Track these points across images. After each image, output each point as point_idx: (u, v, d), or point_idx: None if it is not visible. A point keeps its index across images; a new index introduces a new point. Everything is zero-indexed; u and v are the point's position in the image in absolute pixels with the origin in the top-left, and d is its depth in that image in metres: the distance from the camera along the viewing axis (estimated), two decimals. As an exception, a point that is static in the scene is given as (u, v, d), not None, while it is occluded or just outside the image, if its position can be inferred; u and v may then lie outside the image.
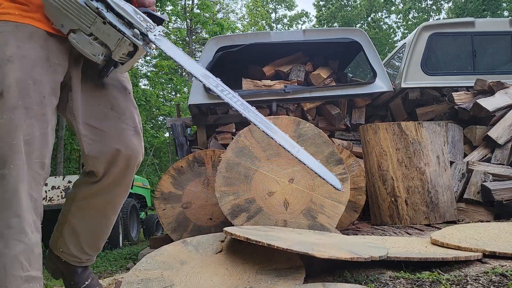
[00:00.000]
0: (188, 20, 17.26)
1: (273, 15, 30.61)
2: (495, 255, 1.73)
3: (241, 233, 1.69)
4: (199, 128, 4.87)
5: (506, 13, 19.87)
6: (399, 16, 26.42)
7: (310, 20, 30.86)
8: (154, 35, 1.33)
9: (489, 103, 3.91)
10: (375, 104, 5.09)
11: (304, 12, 30.92)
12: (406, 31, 24.66)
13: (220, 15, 20.44)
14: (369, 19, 26.07)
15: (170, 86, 17.62)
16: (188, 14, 16.77)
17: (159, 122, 19.13)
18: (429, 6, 25.83)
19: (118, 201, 1.55)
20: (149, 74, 17.00)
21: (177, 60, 1.38)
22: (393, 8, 26.03)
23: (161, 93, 17.43)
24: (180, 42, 19.18)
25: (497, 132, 3.72)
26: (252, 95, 4.37)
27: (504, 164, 3.57)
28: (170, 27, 17.64)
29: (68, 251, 1.54)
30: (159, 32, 1.35)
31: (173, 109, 16.15)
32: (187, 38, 18.33)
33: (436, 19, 22.89)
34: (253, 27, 22.60)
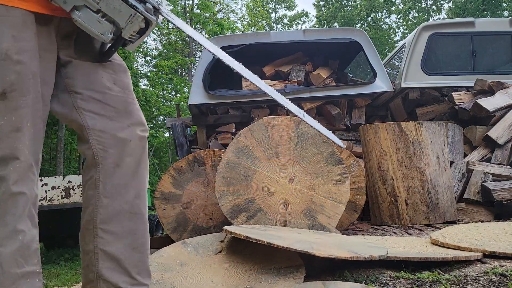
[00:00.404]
0: (188, 20, 17.25)
1: (273, 15, 30.63)
2: (495, 255, 1.73)
3: (241, 232, 1.70)
4: (199, 128, 4.87)
5: (506, 13, 19.87)
6: (399, 16, 26.44)
7: (310, 20, 30.91)
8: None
9: (489, 103, 3.91)
10: (375, 104, 5.09)
11: (304, 12, 30.95)
12: (406, 31, 24.67)
13: (220, 15, 20.46)
14: (369, 19, 26.08)
15: (170, 86, 17.61)
16: (188, 14, 16.79)
17: (159, 122, 19.10)
18: (429, 6, 25.84)
19: (143, 179, 1.32)
20: (149, 74, 16.99)
21: (190, 34, 1.36)
22: (393, 8, 26.04)
23: (161, 93, 17.42)
24: (180, 42, 19.21)
25: (497, 132, 3.72)
26: (252, 95, 4.37)
27: (504, 164, 3.57)
28: (170, 27, 17.65)
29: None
30: (167, 7, 1.27)
31: (173, 109, 16.16)
32: (187, 38, 18.33)
33: (436, 19, 22.90)
34: (253, 27, 22.62)
